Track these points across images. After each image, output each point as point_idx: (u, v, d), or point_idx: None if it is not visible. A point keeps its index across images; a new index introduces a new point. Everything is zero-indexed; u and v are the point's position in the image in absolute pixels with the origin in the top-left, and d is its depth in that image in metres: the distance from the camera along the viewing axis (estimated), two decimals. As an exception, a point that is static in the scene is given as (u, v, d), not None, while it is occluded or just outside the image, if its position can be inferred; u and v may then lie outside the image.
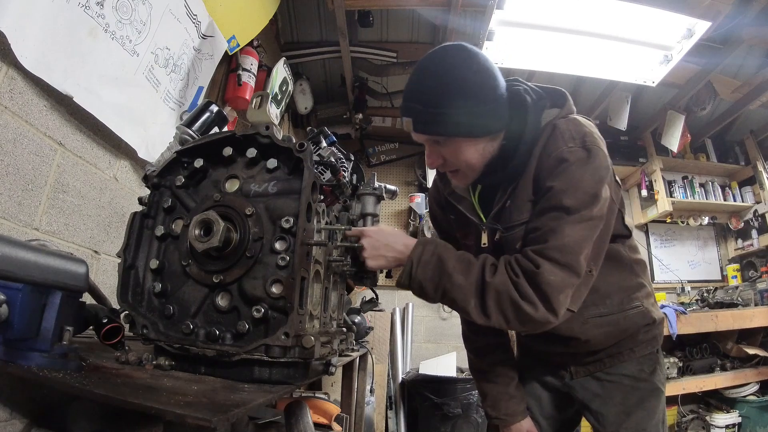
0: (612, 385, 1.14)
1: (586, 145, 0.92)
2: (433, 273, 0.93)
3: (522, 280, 0.88)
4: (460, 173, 1.03)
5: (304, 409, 1.43)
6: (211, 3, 1.83)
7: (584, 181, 0.90)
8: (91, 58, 1.25)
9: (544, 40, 2.66)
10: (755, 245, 4.11)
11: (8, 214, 1.05)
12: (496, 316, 0.89)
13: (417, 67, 0.97)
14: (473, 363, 1.31)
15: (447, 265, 0.92)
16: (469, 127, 0.94)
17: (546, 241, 0.89)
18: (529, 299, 0.87)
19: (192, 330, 0.83)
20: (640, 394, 1.12)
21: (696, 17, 2.45)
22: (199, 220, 0.84)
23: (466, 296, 0.91)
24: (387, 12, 3.07)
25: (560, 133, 0.94)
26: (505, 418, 1.20)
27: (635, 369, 1.13)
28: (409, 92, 0.97)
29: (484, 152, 0.98)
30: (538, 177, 0.96)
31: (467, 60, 0.93)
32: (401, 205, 4.19)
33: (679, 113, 3.66)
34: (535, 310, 0.87)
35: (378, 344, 3.34)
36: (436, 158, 1.01)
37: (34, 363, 0.67)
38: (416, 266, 0.94)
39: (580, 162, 0.91)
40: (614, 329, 1.09)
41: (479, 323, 0.92)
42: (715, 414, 3.18)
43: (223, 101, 2.20)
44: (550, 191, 0.91)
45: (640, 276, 1.15)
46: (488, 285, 0.89)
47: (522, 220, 0.98)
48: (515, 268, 0.90)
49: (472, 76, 0.92)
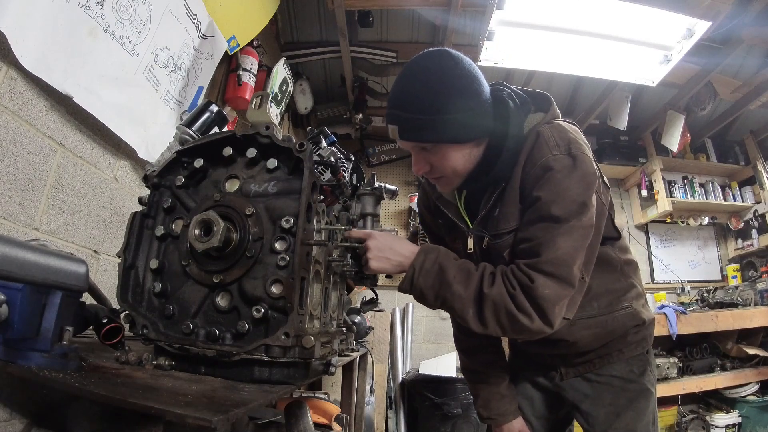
0: (601, 386, 1.14)
1: (571, 152, 0.92)
2: (433, 281, 0.94)
3: (518, 292, 0.89)
4: (444, 179, 1.03)
5: (304, 409, 1.43)
6: (211, 3, 1.83)
7: (572, 189, 0.90)
8: (91, 58, 1.25)
9: (544, 40, 2.66)
10: (755, 245, 4.11)
11: (8, 214, 1.05)
12: (493, 326, 0.91)
13: (401, 74, 0.97)
14: (465, 363, 1.31)
15: (447, 274, 0.93)
16: (456, 132, 0.94)
17: (539, 254, 0.89)
18: (525, 311, 0.88)
19: (192, 330, 0.83)
20: (629, 395, 1.12)
21: (696, 17, 2.45)
22: (199, 220, 0.84)
23: (464, 306, 0.92)
24: (387, 12, 3.07)
25: (545, 140, 0.94)
26: (497, 417, 1.21)
27: (625, 370, 1.13)
28: (394, 99, 0.96)
29: (470, 158, 0.98)
30: (524, 185, 0.96)
31: (451, 66, 0.93)
32: (401, 205, 4.19)
33: (679, 113, 3.66)
34: (531, 322, 0.88)
35: (378, 344, 3.34)
36: (423, 165, 1.00)
37: (34, 363, 0.67)
38: (418, 274, 0.94)
39: (565, 170, 0.91)
40: (602, 331, 1.10)
41: (476, 332, 0.93)
42: (715, 414, 3.18)
43: (223, 101, 2.20)
44: (537, 201, 0.91)
45: (631, 277, 1.15)
46: (486, 296, 0.90)
47: (509, 228, 0.99)
48: (512, 281, 0.90)
49: (457, 81, 0.92)
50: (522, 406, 1.25)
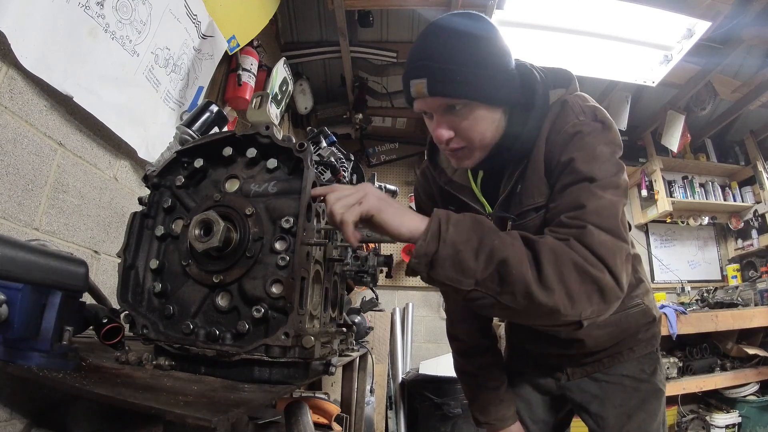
0: (611, 386, 1.10)
1: (598, 117, 0.86)
2: (469, 233, 0.71)
3: (573, 242, 0.72)
4: (466, 150, 0.90)
5: (304, 409, 1.43)
6: (211, 3, 1.83)
7: (605, 152, 0.83)
8: (91, 58, 1.25)
9: (544, 40, 2.67)
10: (755, 245, 4.11)
11: (8, 214, 1.05)
12: (559, 288, 0.68)
13: (428, 29, 0.86)
14: (460, 365, 1.25)
15: (484, 223, 0.73)
16: (490, 91, 0.84)
17: (582, 206, 0.77)
18: (590, 260, 0.70)
19: (192, 330, 0.83)
20: (641, 395, 1.08)
21: (696, 17, 2.45)
22: (199, 220, 0.84)
23: (521, 257, 0.69)
24: (387, 12, 3.07)
25: (570, 107, 0.88)
26: (495, 423, 1.15)
27: (636, 369, 1.09)
28: (420, 52, 0.85)
29: (498, 126, 0.90)
30: (550, 154, 0.87)
31: (488, 25, 0.87)
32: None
33: (679, 113, 3.66)
34: (602, 274, 0.70)
35: (378, 344, 3.34)
36: (446, 129, 0.87)
37: (34, 363, 0.66)
38: (446, 225, 0.71)
39: (595, 132, 0.84)
40: (615, 329, 1.05)
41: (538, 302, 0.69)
42: (715, 414, 3.18)
43: (223, 101, 2.20)
44: (570, 164, 0.82)
45: (638, 271, 1.11)
46: (540, 246, 0.70)
47: (535, 204, 0.89)
48: (559, 232, 0.75)
49: (495, 40, 0.86)
50: (519, 410, 1.20)
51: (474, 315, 1.18)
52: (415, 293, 4.04)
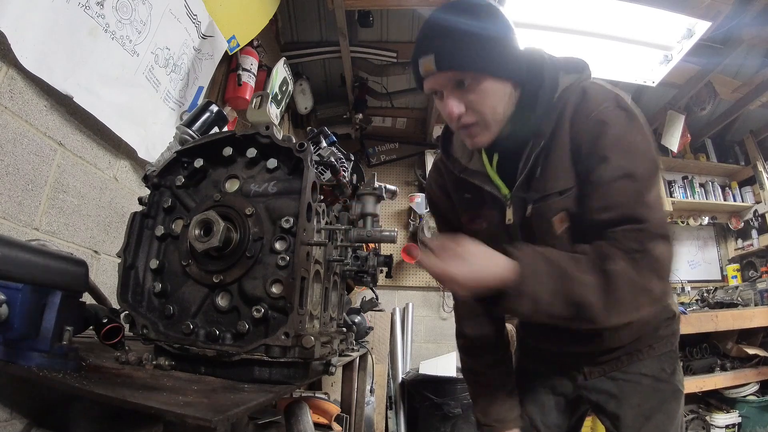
0: (629, 385, 1.05)
1: (620, 104, 0.87)
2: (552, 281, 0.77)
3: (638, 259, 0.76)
4: (479, 126, 0.90)
5: (304, 409, 1.43)
6: (211, 3, 1.83)
7: (638, 143, 0.84)
8: (91, 58, 1.25)
9: (544, 40, 2.66)
10: (755, 245, 4.12)
11: (8, 214, 1.05)
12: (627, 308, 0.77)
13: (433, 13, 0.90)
14: (466, 364, 1.20)
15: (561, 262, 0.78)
16: (499, 63, 0.86)
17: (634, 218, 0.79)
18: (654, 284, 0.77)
19: (192, 330, 0.83)
20: (661, 395, 1.04)
21: (696, 17, 2.45)
22: (199, 220, 0.84)
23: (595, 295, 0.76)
24: (387, 12, 3.07)
25: (592, 94, 0.89)
26: (495, 424, 1.11)
27: (656, 368, 1.05)
28: (428, 29, 0.88)
29: (509, 102, 0.90)
30: (578, 140, 0.88)
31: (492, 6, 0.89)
32: (401, 205, 4.19)
33: (679, 113, 3.66)
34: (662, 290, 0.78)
35: (378, 344, 3.34)
36: (457, 105, 0.88)
37: (34, 363, 0.66)
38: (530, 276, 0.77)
39: (622, 122, 0.85)
40: (637, 324, 0.99)
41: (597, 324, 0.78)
42: (715, 414, 3.17)
43: (223, 101, 2.20)
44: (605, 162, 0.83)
45: None
46: (612, 273, 0.76)
47: (559, 189, 0.89)
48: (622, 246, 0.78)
49: (499, 16, 0.88)
50: (531, 414, 1.15)
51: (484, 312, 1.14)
52: (415, 293, 4.04)
